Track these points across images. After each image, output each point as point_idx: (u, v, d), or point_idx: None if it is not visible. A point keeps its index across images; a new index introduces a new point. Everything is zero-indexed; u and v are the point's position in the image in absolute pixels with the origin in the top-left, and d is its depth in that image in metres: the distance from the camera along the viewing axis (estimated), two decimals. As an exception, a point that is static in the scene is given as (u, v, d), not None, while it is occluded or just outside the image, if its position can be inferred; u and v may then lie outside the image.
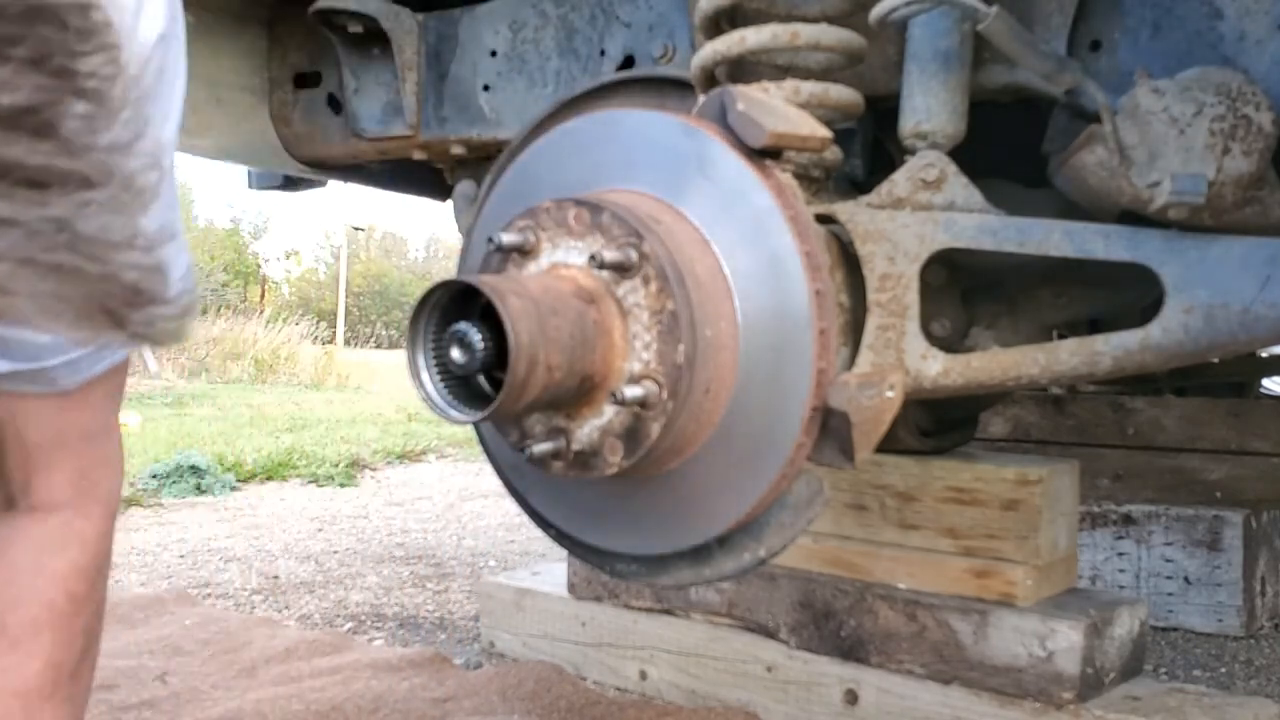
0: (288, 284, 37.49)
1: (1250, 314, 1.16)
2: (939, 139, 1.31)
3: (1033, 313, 1.54)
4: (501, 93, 1.94)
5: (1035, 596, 1.79)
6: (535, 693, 2.04)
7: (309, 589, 3.05)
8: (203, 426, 7.10)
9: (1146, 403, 3.03)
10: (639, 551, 1.22)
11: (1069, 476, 1.91)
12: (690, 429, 1.08)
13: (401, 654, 2.27)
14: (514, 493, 1.30)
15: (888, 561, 1.90)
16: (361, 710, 1.93)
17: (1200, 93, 1.18)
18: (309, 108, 2.19)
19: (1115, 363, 1.23)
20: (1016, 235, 1.24)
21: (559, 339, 0.99)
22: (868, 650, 1.87)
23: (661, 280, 1.02)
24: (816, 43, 1.25)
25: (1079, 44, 1.39)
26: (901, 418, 1.35)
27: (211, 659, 2.29)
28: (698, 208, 1.11)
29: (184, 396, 10.06)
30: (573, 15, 1.85)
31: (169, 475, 4.82)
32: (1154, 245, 1.20)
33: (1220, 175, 1.16)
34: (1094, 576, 2.74)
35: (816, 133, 1.14)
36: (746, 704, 1.98)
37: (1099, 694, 1.72)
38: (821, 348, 1.08)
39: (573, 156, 1.20)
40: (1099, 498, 2.83)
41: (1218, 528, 2.63)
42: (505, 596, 2.39)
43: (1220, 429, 2.92)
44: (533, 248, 1.09)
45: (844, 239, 1.30)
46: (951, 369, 1.27)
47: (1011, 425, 3.20)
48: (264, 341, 15.66)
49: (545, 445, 1.06)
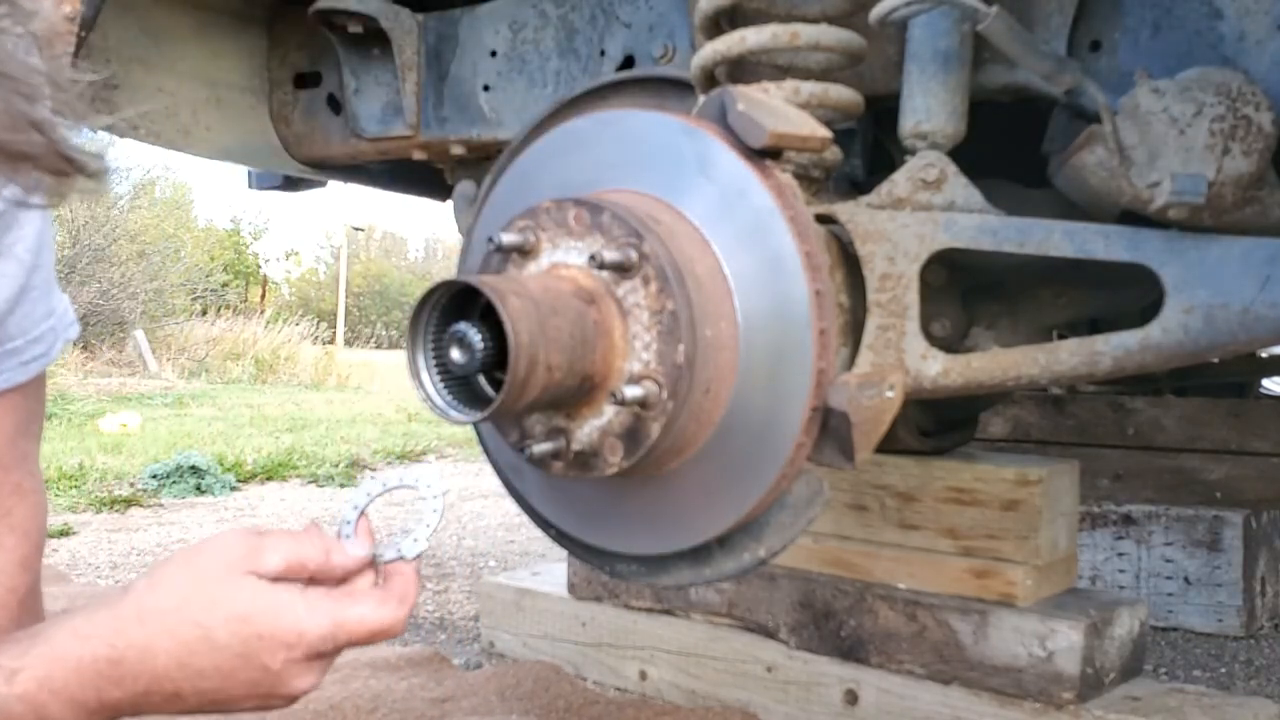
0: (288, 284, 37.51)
1: (1250, 314, 1.16)
2: (939, 139, 1.31)
3: (1033, 313, 1.54)
4: (501, 93, 1.94)
5: (1035, 596, 1.79)
6: (534, 692, 2.04)
7: (309, 589, 3.05)
8: (203, 426, 7.11)
9: (1146, 403, 3.03)
10: (639, 552, 1.22)
11: (1069, 476, 1.91)
12: (690, 429, 1.08)
13: (400, 653, 2.27)
14: (514, 493, 1.30)
15: (888, 561, 1.90)
16: (360, 709, 1.93)
17: (1200, 93, 1.18)
18: (309, 108, 2.19)
19: (1115, 363, 1.23)
20: (1016, 235, 1.24)
21: (559, 339, 0.98)
22: (868, 650, 1.87)
23: (661, 280, 1.02)
24: (816, 43, 1.25)
25: (1079, 44, 1.39)
26: (901, 418, 1.35)
27: (211, 659, 2.28)
28: (698, 208, 1.11)
29: (184, 396, 10.06)
30: (573, 15, 1.85)
31: (169, 475, 4.82)
32: (1154, 245, 1.20)
33: (1220, 175, 1.16)
34: (1094, 576, 2.74)
35: (816, 133, 1.14)
36: (746, 704, 1.98)
37: (1099, 694, 1.72)
38: (821, 348, 1.08)
39: (573, 157, 1.20)
40: (1099, 498, 2.83)
41: (1218, 528, 2.63)
42: (505, 596, 2.39)
43: (1220, 429, 2.92)
44: (533, 248, 1.09)
45: (844, 239, 1.30)
46: (951, 369, 1.27)
47: (1011, 425, 3.20)
48: (264, 342, 15.66)
49: (545, 445, 1.06)
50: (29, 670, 0.79)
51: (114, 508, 4.39)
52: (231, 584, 0.82)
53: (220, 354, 14.77)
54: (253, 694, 0.84)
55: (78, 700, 0.80)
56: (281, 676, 0.83)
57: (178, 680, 0.81)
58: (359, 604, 0.86)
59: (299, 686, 0.85)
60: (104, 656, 0.80)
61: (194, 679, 0.81)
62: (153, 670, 0.81)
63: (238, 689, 0.83)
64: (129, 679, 0.80)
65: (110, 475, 4.89)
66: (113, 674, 0.80)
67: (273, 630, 0.82)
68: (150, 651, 0.81)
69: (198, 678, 0.81)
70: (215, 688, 0.82)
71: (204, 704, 0.84)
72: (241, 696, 0.84)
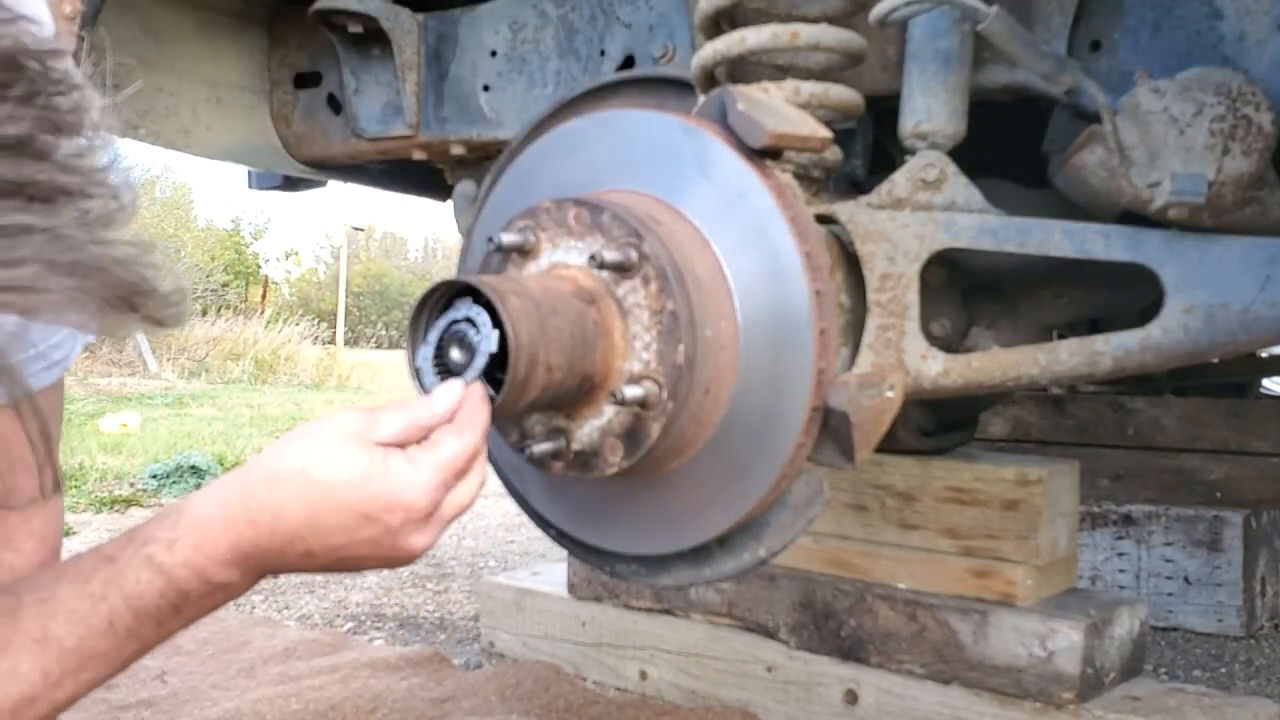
0: (288, 284, 37.47)
1: (1250, 314, 1.16)
2: (939, 139, 1.31)
3: (1033, 313, 1.54)
4: (501, 93, 1.94)
5: (1035, 596, 1.79)
6: (534, 692, 2.04)
7: (308, 588, 3.05)
8: (203, 426, 7.11)
9: (1146, 403, 3.03)
10: (639, 552, 1.22)
11: (1069, 476, 1.91)
12: (690, 429, 1.08)
13: (400, 654, 2.27)
14: (514, 493, 1.30)
15: (888, 561, 1.90)
16: (360, 710, 1.93)
17: (1200, 93, 1.18)
18: (309, 108, 2.19)
19: (1115, 363, 1.23)
20: (1016, 235, 1.24)
21: (559, 339, 0.98)
22: (868, 650, 1.87)
23: (661, 280, 1.02)
24: (816, 43, 1.25)
25: (1079, 44, 1.39)
26: (901, 418, 1.35)
27: (211, 658, 2.29)
28: (698, 208, 1.11)
29: (184, 396, 10.06)
30: (573, 15, 1.85)
31: (169, 475, 4.82)
32: (1154, 245, 1.20)
33: (1220, 175, 1.16)
34: (1094, 576, 2.74)
35: (816, 133, 1.14)
36: (746, 704, 1.98)
37: (1099, 694, 1.72)
38: (821, 348, 1.08)
39: (573, 157, 1.20)
40: (1099, 498, 2.83)
41: (1218, 528, 2.63)
42: (505, 596, 2.39)
43: (1220, 429, 2.92)
44: (533, 248, 1.09)
45: (844, 239, 1.30)
46: (951, 369, 1.27)
47: (1011, 425, 3.20)
48: (264, 341, 15.64)
49: (545, 445, 1.06)
50: (185, 538, 0.87)
51: (114, 508, 4.39)
52: (350, 450, 0.89)
53: (220, 354, 14.75)
54: (376, 553, 0.90)
55: (229, 561, 0.87)
56: (401, 534, 0.90)
57: (308, 538, 0.88)
58: (445, 445, 0.92)
59: (418, 544, 0.91)
60: (243, 519, 0.88)
61: (322, 536, 0.88)
62: (286, 530, 0.88)
63: (362, 547, 0.89)
64: (265, 538, 0.88)
65: (110, 475, 4.89)
66: (252, 535, 0.88)
67: (387, 490, 0.88)
68: (282, 512, 0.88)
69: (326, 535, 0.88)
70: (342, 544, 0.89)
71: (334, 562, 0.91)
72: (367, 555, 0.91)
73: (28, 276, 0.62)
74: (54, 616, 0.83)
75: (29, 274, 0.62)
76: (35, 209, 0.62)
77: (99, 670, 0.86)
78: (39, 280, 0.62)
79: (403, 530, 0.89)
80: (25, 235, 0.61)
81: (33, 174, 0.62)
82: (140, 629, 0.86)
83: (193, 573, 0.86)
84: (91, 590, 0.84)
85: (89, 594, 0.84)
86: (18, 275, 0.61)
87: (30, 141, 0.62)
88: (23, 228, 0.61)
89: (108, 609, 0.84)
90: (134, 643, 0.86)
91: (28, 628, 0.83)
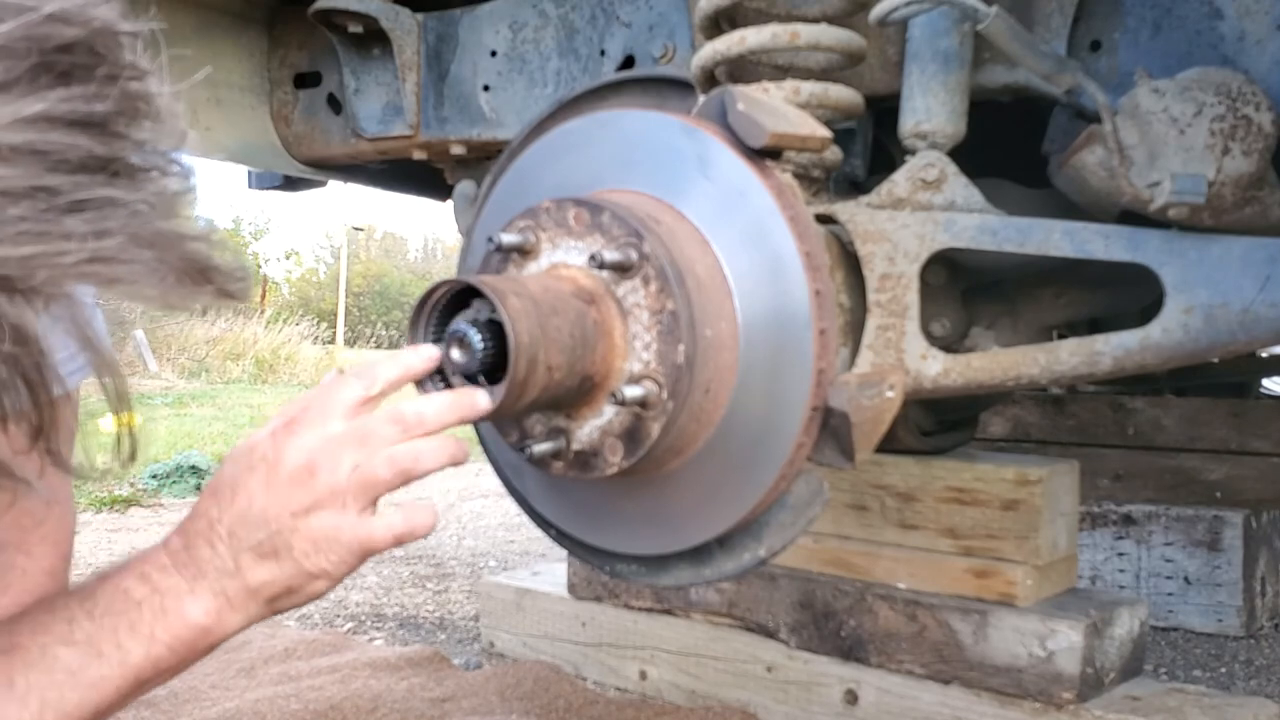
0: (288, 284, 37.46)
1: (1250, 314, 1.16)
2: (939, 139, 1.31)
3: (1033, 313, 1.54)
4: (501, 93, 1.94)
5: (1035, 596, 1.79)
6: (534, 692, 2.04)
7: (309, 589, 3.05)
8: (203, 426, 7.11)
9: (1146, 403, 3.03)
10: (639, 552, 1.22)
11: (1069, 476, 1.91)
12: (690, 429, 1.08)
13: (400, 654, 2.27)
14: (514, 493, 1.30)
15: (888, 561, 1.90)
16: (360, 710, 1.93)
17: (1200, 93, 1.18)
18: (309, 108, 2.19)
19: (1115, 363, 1.23)
20: (1016, 235, 1.24)
21: (559, 339, 0.98)
22: (868, 650, 1.87)
23: (661, 280, 1.02)
24: (816, 43, 1.25)
25: (1079, 44, 1.39)
26: (901, 418, 1.35)
27: (210, 658, 2.28)
28: (698, 208, 1.10)
29: (184, 396, 10.06)
30: (573, 15, 1.85)
31: (169, 475, 4.82)
32: (1154, 245, 1.20)
33: (1220, 175, 1.16)
34: (1094, 576, 2.74)
35: (816, 133, 1.14)
36: (746, 704, 1.98)
37: (1099, 694, 1.72)
38: (821, 348, 1.08)
39: (573, 157, 1.19)
40: (1099, 498, 2.83)
41: (1218, 528, 2.63)
42: (505, 596, 2.39)
43: (1220, 429, 2.92)
44: (533, 248, 1.09)
45: (844, 239, 1.30)
46: (951, 369, 1.27)
47: (1011, 425, 3.20)
48: (264, 341, 15.65)
49: (545, 445, 1.06)
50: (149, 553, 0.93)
51: (114, 508, 4.39)
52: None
53: (220, 354, 14.75)
54: (272, 484, 0.88)
55: (164, 566, 0.92)
56: (270, 449, 0.89)
57: (210, 511, 0.90)
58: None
59: (299, 444, 0.89)
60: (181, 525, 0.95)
61: (222, 503, 0.90)
62: (199, 511, 0.92)
63: (256, 492, 0.89)
64: (188, 525, 0.92)
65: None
66: (182, 529, 0.92)
67: (245, 440, 0.93)
68: (198, 504, 0.94)
69: (222, 500, 0.90)
70: (241, 503, 0.89)
71: (257, 525, 0.89)
72: (272, 503, 0.88)
73: (113, 248, 0.64)
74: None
75: (114, 245, 0.64)
76: (120, 184, 0.65)
77: (85, 694, 0.92)
78: (123, 251, 0.65)
79: (268, 448, 0.89)
80: (111, 208, 0.64)
81: (118, 150, 0.65)
82: (97, 637, 0.91)
83: (138, 578, 0.92)
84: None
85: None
86: (104, 246, 0.64)
87: (115, 120, 0.65)
88: (109, 200, 0.64)
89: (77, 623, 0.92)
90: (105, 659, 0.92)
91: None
